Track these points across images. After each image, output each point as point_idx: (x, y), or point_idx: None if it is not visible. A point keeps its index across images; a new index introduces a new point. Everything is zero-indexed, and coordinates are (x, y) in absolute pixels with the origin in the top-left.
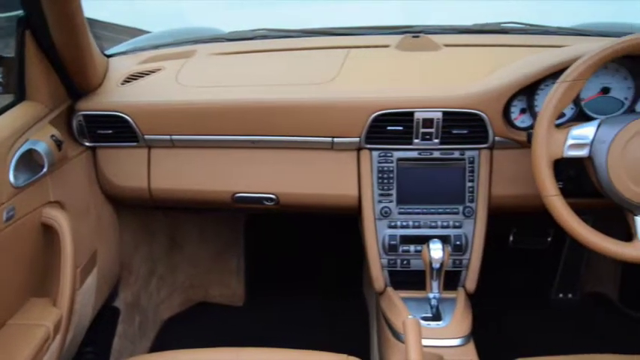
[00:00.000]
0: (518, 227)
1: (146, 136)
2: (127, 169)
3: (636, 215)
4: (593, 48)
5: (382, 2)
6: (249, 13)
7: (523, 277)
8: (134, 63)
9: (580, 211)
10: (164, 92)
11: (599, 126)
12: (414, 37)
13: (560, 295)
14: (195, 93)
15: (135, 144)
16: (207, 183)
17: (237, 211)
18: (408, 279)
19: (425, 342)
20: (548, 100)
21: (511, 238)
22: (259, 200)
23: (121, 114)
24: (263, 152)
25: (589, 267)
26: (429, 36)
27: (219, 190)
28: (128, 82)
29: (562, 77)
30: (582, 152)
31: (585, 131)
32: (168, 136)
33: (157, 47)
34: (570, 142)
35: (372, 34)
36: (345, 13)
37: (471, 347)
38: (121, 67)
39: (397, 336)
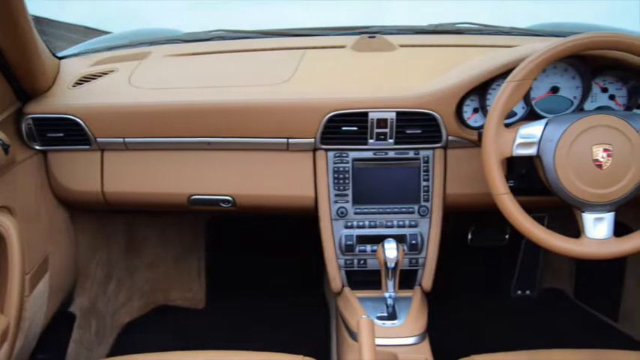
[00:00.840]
0: (476, 226)
1: (98, 139)
2: (80, 172)
3: (583, 212)
4: (538, 48)
5: (340, 3)
6: (208, 14)
7: (482, 274)
8: (87, 65)
9: (537, 209)
10: (116, 94)
11: (546, 125)
12: (370, 37)
13: (519, 292)
14: (148, 95)
15: (87, 147)
16: (162, 185)
17: (195, 212)
18: (366, 279)
19: (380, 341)
20: (497, 100)
21: (470, 237)
22: (216, 202)
23: (72, 117)
24: (219, 154)
25: (546, 264)
26: (385, 36)
27: (174, 192)
28: (80, 84)
29: (509, 77)
30: (531, 151)
31: (533, 130)
32: (121, 139)
33: (111, 49)
34: (519, 140)
35: (329, 34)
36: (303, 14)
37: (425, 345)
38: (73, 69)
39: (353, 336)
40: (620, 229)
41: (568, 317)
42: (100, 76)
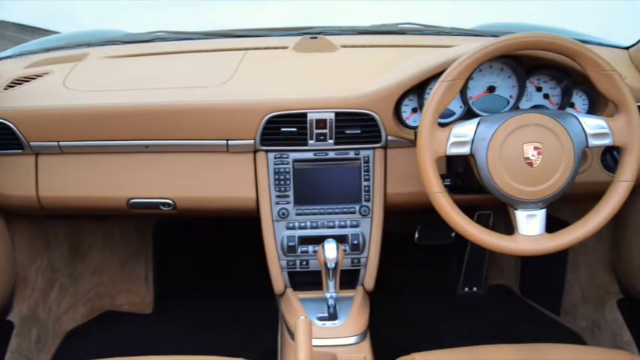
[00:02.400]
0: (423, 224)
1: (32, 143)
2: (13, 177)
3: (516, 209)
4: (470, 48)
5: (284, 4)
6: (154, 14)
7: (430, 272)
8: (20, 67)
9: (478, 207)
10: (50, 97)
11: (478, 124)
12: (312, 38)
13: (466, 289)
14: (84, 97)
15: (20, 151)
16: (100, 189)
17: (140, 216)
18: (309, 279)
19: (319, 342)
20: (430, 100)
21: (417, 235)
22: (156, 205)
23: (2, 120)
24: (157, 156)
25: (492, 261)
26: (328, 37)
27: (112, 196)
28: (12, 87)
29: (442, 77)
30: (464, 150)
31: (466, 129)
32: (55, 143)
33: (47, 50)
34: (452, 140)
35: (271, 35)
36: (246, 14)
37: (365, 344)
38: (5, 71)
39: (293, 337)
40: (559, 226)
41: (514, 313)
42: (34, 79)
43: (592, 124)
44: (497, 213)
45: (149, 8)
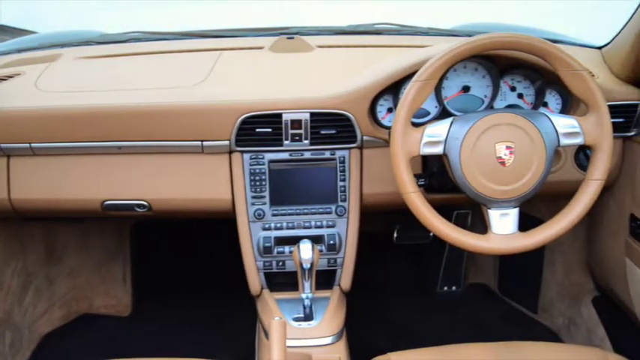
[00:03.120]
0: (401, 224)
1: (3, 145)
2: None
3: (489, 208)
4: (443, 49)
5: (260, 4)
6: (126, 15)
7: (409, 272)
8: None
9: (453, 207)
10: (21, 98)
11: (451, 124)
12: (288, 38)
13: (445, 288)
14: (56, 98)
15: None
16: (74, 191)
17: (116, 218)
18: (286, 280)
19: (294, 342)
20: (403, 100)
21: (395, 235)
22: (130, 207)
23: None
24: (132, 158)
25: (471, 260)
26: (304, 37)
27: (86, 198)
28: None
29: (415, 77)
30: (437, 149)
31: (439, 129)
32: (27, 145)
33: (20, 51)
34: (425, 139)
35: (248, 35)
36: (222, 14)
37: (341, 345)
38: None
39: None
40: (534, 224)
41: (492, 311)
42: (5, 80)
43: (563, 123)
44: (475, 212)
45: (124, 8)
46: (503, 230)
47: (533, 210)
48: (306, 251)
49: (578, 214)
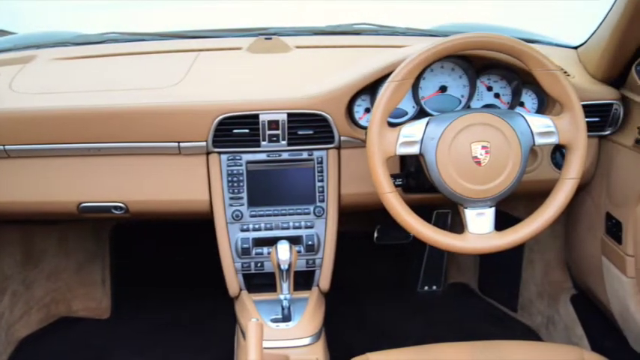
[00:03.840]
0: (382, 224)
1: None
2: None
3: (465, 208)
4: (418, 49)
5: (239, 4)
6: (104, 15)
7: (390, 272)
8: None
9: (440, 206)
10: None
11: (427, 124)
12: (266, 39)
13: (426, 288)
14: (31, 100)
15: None
16: (49, 194)
17: (95, 220)
18: (264, 281)
19: (272, 343)
20: (378, 100)
21: (376, 235)
22: (107, 209)
23: None
24: (108, 159)
25: (451, 259)
26: (282, 38)
27: (62, 200)
28: None
29: (390, 77)
30: (413, 149)
31: (415, 129)
32: (1, 147)
33: None
34: (402, 139)
35: (226, 36)
36: (201, 15)
37: (319, 345)
38: None
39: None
40: (513, 223)
41: (472, 310)
42: None
43: (538, 122)
44: (455, 211)
45: (102, 9)
46: (480, 230)
47: (512, 209)
48: (283, 252)
49: (554, 213)
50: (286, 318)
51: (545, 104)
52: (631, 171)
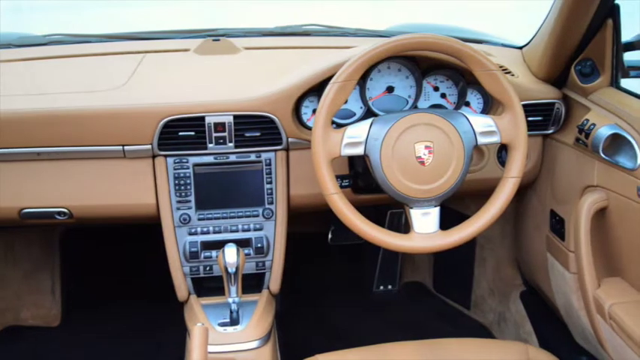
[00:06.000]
0: (336, 224)
1: None
2: None
3: (411, 208)
4: (361, 50)
5: (187, 5)
6: (47, 16)
7: (345, 272)
8: None
9: (394, 206)
10: None
11: (371, 124)
12: (214, 40)
13: (381, 287)
14: None
15: None
16: None
17: (44, 226)
18: (215, 285)
19: (219, 348)
20: (322, 102)
21: (330, 236)
22: (50, 215)
23: None
24: (50, 164)
25: (406, 258)
26: (231, 39)
27: (2, 206)
28: None
29: (333, 78)
30: (358, 150)
31: (359, 130)
32: None
33: None
34: (346, 140)
35: (173, 37)
36: (148, 16)
37: (267, 349)
38: None
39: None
40: (464, 221)
41: (427, 309)
42: None
43: (480, 122)
44: None
45: (45, 10)
46: (425, 229)
47: (464, 208)
48: (230, 255)
49: (497, 211)
50: (234, 321)
51: (490, 104)
52: (572, 169)
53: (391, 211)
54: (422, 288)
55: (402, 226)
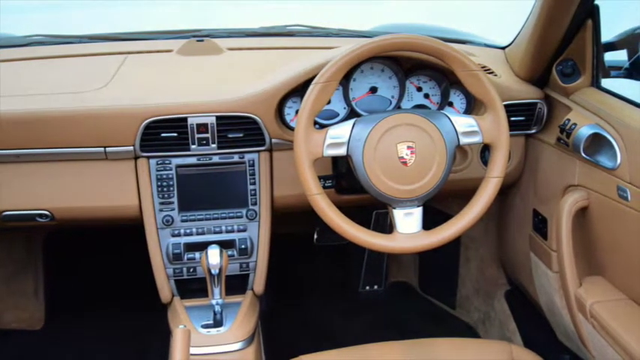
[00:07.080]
0: (321, 225)
1: None
2: None
3: (394, 208)
4: (343, 50)
5: (171, 6)
6: (29, 17)
7: (331, 272)
8: None
9: (379, 207)
10: None
11: (354, 125)
12: (198, 41)
13: (367, 288)
14: None
15: None
16: None
17: (25, 229)
18: (198, 286)
19: (202, 350)
20: (304, 102)
21: (315, 236)
22: (31, 217)
23: None
24: (31, 166)
25: (392, 258)
26: (215, 40)
27: None
28: None
29: (315, 79)
30: (340, 151)
31: (342, 131)
32: None
33: None
34: (329, 141)
35: (156, 38)
36: (131, 16)
37: (251, 350)
38: None
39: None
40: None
41: (413, 309)
42: None
43: (463, 122)
44: None
45: (27, 10)
46: (408, 229)
47: (448, 208)
48: (213, 257)
49: (478, 211)
50: (218, 323)
51: (473, 104)
52: (554, 168)
53: (377, 212)
54: (408, 288)
55: (388, 226)
